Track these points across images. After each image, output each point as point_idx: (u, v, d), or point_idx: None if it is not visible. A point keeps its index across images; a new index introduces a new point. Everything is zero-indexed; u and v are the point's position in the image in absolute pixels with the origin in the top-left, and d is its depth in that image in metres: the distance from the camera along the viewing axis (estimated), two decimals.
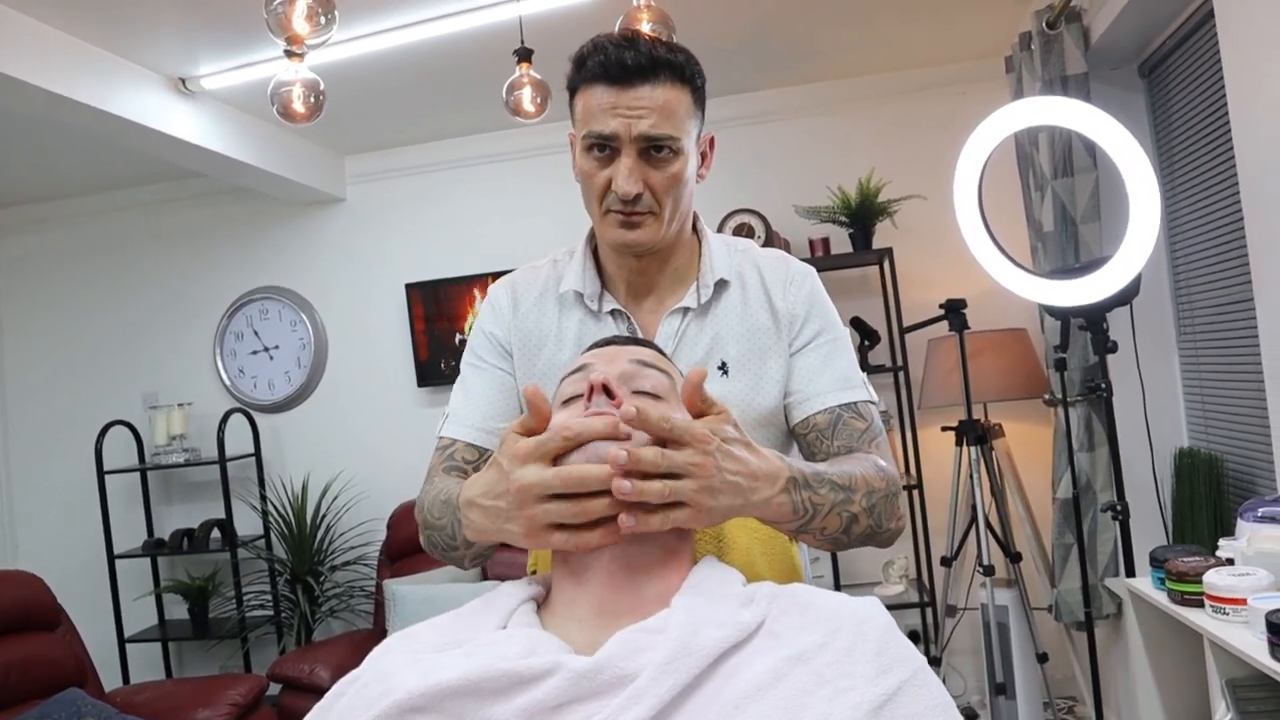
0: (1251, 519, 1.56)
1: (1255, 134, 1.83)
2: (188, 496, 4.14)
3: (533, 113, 2.48)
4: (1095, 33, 2.61)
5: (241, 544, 3.79)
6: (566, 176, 4.70)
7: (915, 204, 3.41)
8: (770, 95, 3.65)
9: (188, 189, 4.14)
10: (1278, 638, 1.23)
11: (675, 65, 1.10)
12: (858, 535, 1.01)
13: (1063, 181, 2.67)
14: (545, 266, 1.29)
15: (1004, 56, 3.07)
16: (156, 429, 3.89)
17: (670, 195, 1.14)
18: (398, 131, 3.81)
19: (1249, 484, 2.34)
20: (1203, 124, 2.40)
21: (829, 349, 1.19)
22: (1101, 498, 2.80)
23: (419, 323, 3.93)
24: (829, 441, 1.14)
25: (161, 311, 4.21)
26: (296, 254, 4.11)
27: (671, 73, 1.10)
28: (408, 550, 3.61)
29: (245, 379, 4.10)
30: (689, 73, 1.12)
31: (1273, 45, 1.72)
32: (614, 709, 0.70)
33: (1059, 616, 2.96)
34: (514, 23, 2.57)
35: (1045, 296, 2.00)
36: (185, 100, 3.05)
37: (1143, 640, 1.69)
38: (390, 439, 3.98)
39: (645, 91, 1.09)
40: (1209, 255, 2.45)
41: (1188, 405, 2.74)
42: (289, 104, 2.13)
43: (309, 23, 1.70)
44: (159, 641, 3.90)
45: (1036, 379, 3.11)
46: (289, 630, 3.74)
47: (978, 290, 3.15)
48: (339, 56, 2.81)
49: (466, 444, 1.18)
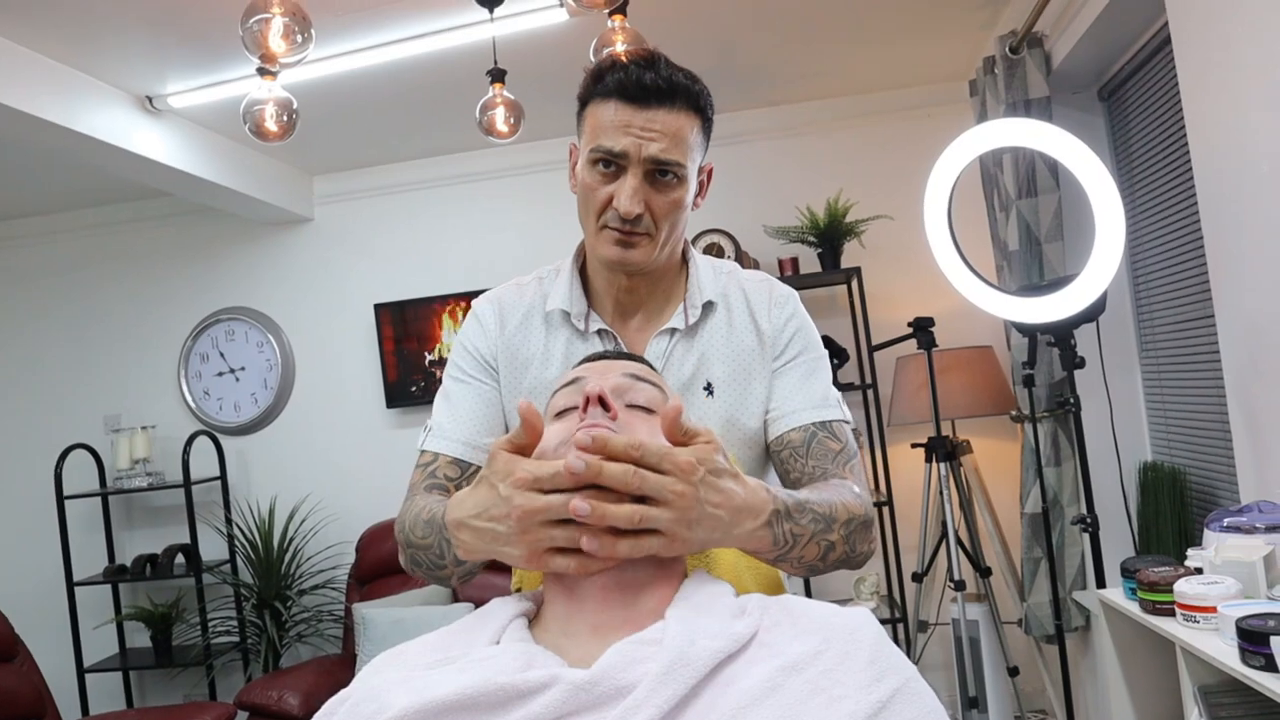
0: (1218, 529, 1.60)
1: (1212, 155, 1.88)
2: (151, 521, 4.06)
3: (506, 133, 2.49)
4: (1056, 57, 2.68)
5: (207, 569, 3.72)
6: (537, 197, 4.71)
7: (882, 224, 3.46)
8: (739, 117, 3.70)
9: (153, 209, 4.09)
10: (1249, 644, 1.26)
11: (691, 93, 1.12)
12: (832, 562, 1.01)
13: (1027, 201, 2.73)
14: (531, 284, 1.29)
15: (968, 80, 3.15)
16: (119, 452, 3.81)
17: (668, 220, 1.15)
18: (367, 152, 3.80)
19: (1211, 496, 2.39)
20: (1161, 145, 2.47)
21: (808, 368, 1.21)
22: (1069, 512, 2.84)
23: (388, 343, 3.91)
24: (803, 460, 1.14)
25: (124, 333, 4.14)
26: (264, 274, 4.07)
27: (687, 100, 1.11)
28: (377, 573, 3.57)
29: (211, 401, 4.04)
30: (702, 102, 1.14)
31: (1228, 68, 1.78)
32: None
33: (1029, 630, 2.99)
34: (484, 44, 2.58)
35: (1015, 314, 2.04)
36: (152, 119, 3.02)
37: (1115, 649, 1.72)
38: (359, 461, 3.94)
39: (660, 115, 1.09)
40: (1168, 274, 2.52)
41: (1150, 420, 2.80)
42: (262, 122, 2.13)
43: (285, 41, 1.70)
44: (119, 671, 3.80)
45: (1003, 396, 3.16)
46: (256, 657, 3.67)
47: (944, 308, 3.21)
48: (308, 76, 2.79)
49: (450, 459, 1.17)
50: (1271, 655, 1.23)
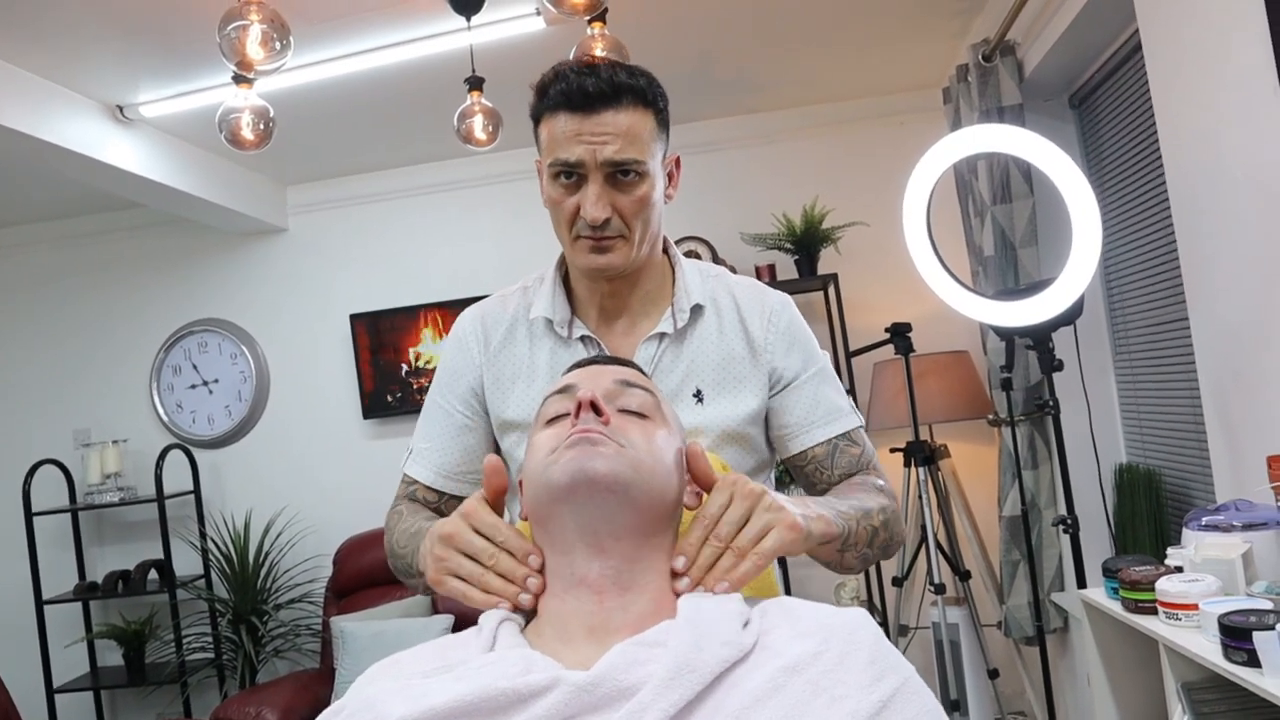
0: (1196, 528, 1.62)
1: (1185, 159, 1.92)
2: (123, 537, 3.99)
3: (485, 140, 2.48)
4: (1029, 65, 2.72)
5: (181, 584, 3.66)
6: (513, 205, 4.69)
7: (858, 230, 3.49)
8: (715, 125, 3.71)
9: (125, 220, 4.03)
10: (1231, 639, 1.28)
11: (637, 89, 1.11)
12: (878, 546, 1.10)
13: (1002, 207, 2.76)
14: (515, 294, 1.29)
15: (942, 88, 3.18)
16: (89, 467, 3.75)
17: (639, 218, 1.14)
18: (341, 161, 3.77)
19: (1185, 496, 2.43)
20: (1131, 151, 2.52)
21: (817, 381, 1.23)
22: (1046, 514, 2.87)
23: (364, 354, 3.88)
24: (829, 471, 1.21)
25: (94, 346, 4.07)
26: (237, 286, 4.03)
27: (634, 97, 1.11)
28: (356, 586, 3.53)
29: (184, 414, 3.98)
30: (651, 96, 1.13)
31: (1199, 74, 1.81)
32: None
33: (1008, 632, 3.02)
34: (459, 52, 2.58)
35: (995, 318, 2.06)
36: (123, 128, 2.98)
37: (1097, 648, 1.74)
38: (336, 472, 3.90)
39: (608, 117, 1.09)
40: (1140, 279, 2.56)
41: (1125, 422, 2.84)
42: (238, 131, 2.11)
43: (263, 48, 1.68)
44: (90, 690, 3.73)
45: (979, 400, 3.19)
46: (231, 673, 3.62)
47: (920, 313, 3.23)
48: (281, 85, 2.76)
49: (426, 486, 1.26)
50: (1254, 650, 1.24)
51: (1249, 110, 1.63)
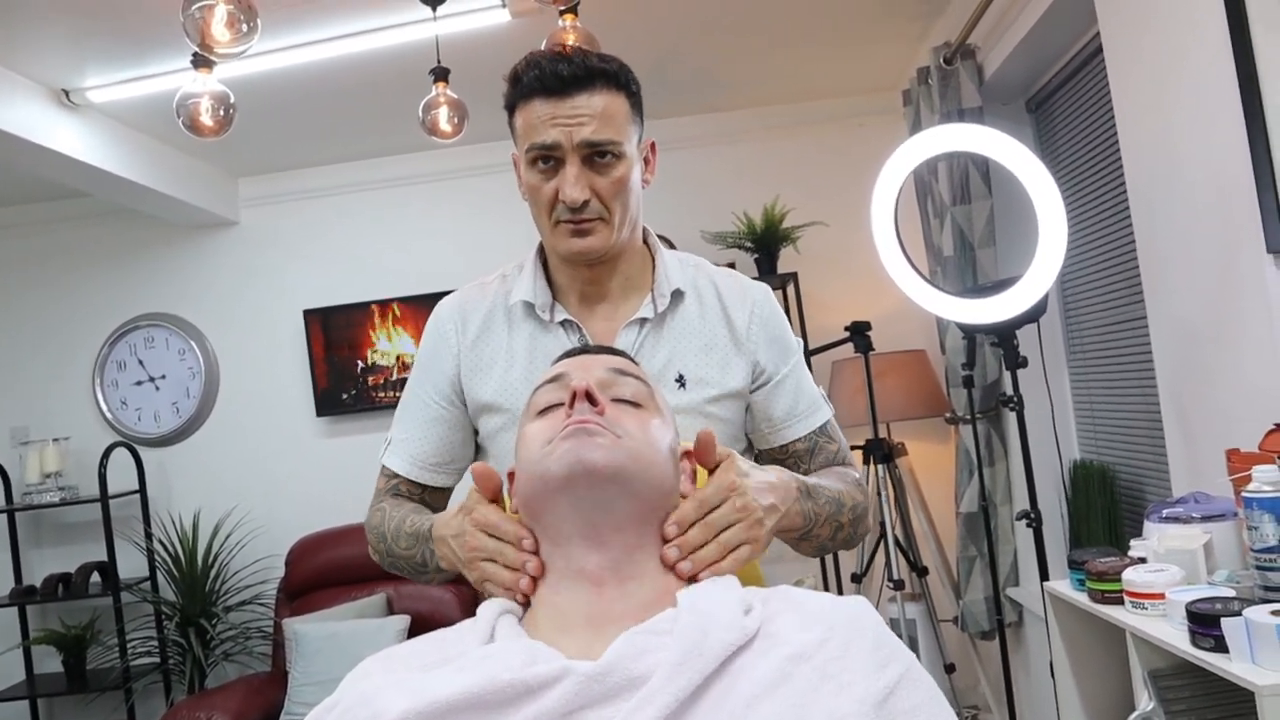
0: (1157, 520, 1.66)
1: (1144, 161, 1.96)
2: (63, 539, 3.85)
3: (450, 132, 2.44)
4: (989, 69, 2.76)
5: (125, 587, 3.54)
6: (473, 201, 4.65)
7: (818, 230, 3.52)
8: (676, 123, 3.71)
9: (69, 209, 3.89)
10: (1199, 626, 1.31)
11: (609, 73, 1.13)
12: (840, 541, 1.13)
13: (961, 208, 2.80)
14: (494, 282, 1.29)
15: (901, 90, 3.22)
16: (28, 466, 3.61)
17: (618, 200, 1.15)
18: (296, 153, 3.69)
19: (1138, 491, 2.49)
20: (1086, 154, 2.57)
21: (796, 375, 1.26)
22: (1002, 510, 2.92)
23: (318, 350, 3.80)
24: (807, 465, 1.25)
25: (34, 340, 3.92)
26: (187, 279, 3.91)
27: (607, 80, 1.13)
28: (309, 586, 3.46)
29: (128, 411, 3.86)
30: (624, 79, 1.15)
31: (1159, 76, 1.86)
32: (628, 711, 0.69)
33: (964, 627, 3.07)
34: (422, 44, 2.53)
35: (962, 315, 2.10)
36: (69, 113, 2.88)
37: (1062, 640, 1.77)
38: (288, 471, 3.81)
39: (583, 99, 1.11)
40: (1095, 279, 2.62)
41: (1078, 419, 2.90)
42: (197, 116, 2.05)
43: (229, 29, 1.64)
44: (27, 699, 3.60)
45: (936, 399, 3.24)
46: (179, 678, 3.51)
47: (878, 313, 3.27)
48: (234, 73, 2.66)
49: (406, 480, 1.26)
50: (1220, 636, 1.27)
51: (1208, 112, 1.68)
